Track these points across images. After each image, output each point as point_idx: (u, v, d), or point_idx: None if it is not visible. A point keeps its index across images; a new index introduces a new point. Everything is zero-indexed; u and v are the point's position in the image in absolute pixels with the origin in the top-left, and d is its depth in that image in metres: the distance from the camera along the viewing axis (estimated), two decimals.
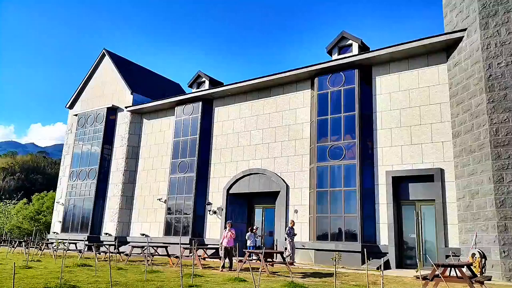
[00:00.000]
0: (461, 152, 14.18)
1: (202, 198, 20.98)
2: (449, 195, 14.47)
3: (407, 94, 16.11)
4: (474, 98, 13.80)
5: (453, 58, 15.07)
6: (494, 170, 12.78)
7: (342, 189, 16.51)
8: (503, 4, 13.70)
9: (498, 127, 12.99)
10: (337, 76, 17.80)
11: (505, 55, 13.31)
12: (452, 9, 15.56)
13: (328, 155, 17.19)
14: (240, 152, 20.33)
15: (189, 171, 21.43)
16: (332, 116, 17.57)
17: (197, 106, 22.25)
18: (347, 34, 18.48)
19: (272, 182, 18.84)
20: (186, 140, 22.19)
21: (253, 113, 20.47)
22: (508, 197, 12.44)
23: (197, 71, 23.65)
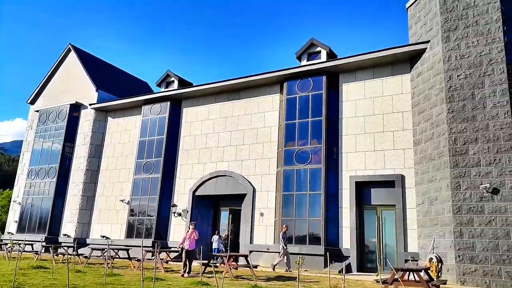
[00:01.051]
0: (421, 159, 14.72)
1: (167, 199, 20.69)
2: (409, 201, 14.98)
3: (372, 101, 16.57)
4: (435, 108, 14.38)
5: (416, 69, 15.67)
6: (452, 177, 13.34)
7: (308, 193, 16.74)
8: (463, 19, 14.38)
9: (456, 136, 13.58)
10: (306, 81, 18.07)
11: (464, 68, 13.96)
12: (417, 21, 16.18)
13: (295, 159, 17.39)
14: (207, 153, 20.22)
15: (155, 172, 21.09)
16: (299, 121, 17.81)
17: (165, 105, 21.96)
18: (316, 41, 18.81)
19: (239, 184, 18.85)
20: (152, 140, 21.83)
21: (222, 115, 20.43)
22: (464, 204, 13.02)
23: (166, 71, 23.36)
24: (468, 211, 12.93)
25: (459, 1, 14.64)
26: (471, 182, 13.08)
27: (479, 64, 13.79)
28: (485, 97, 13.48)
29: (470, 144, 13.35)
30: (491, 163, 12.97)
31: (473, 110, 13.54)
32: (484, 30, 13.99)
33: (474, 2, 14.37)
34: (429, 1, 15.56)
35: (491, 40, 13.82)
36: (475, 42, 14.02)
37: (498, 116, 13.17)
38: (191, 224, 13.72)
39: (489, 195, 12.77)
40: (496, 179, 12.79)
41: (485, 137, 13.19)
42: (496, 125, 13.14)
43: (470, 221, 12.84)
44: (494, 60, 13.61)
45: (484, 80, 13.61)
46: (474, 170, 13.14)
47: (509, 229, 12.32)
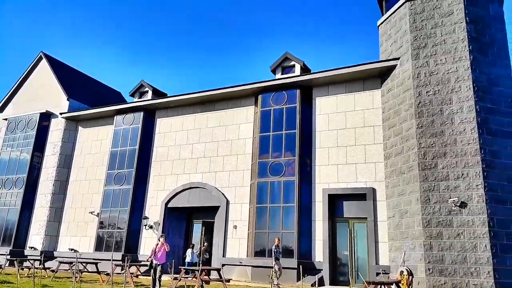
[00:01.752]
0: (392, 173, 15.00)
1: (138, 212, 20.27)
2: (380, 214, 15.19)
3: (344, 116, 16.84)
4: (405, 123, 14.73)
5: (387, 84, 16.06)
6: (422, 191, 13.63)
7: (281, 205, 16.75)
8: (432, 38, 14.88)
9: (425, 150, 13.92)
10: (280, 94, 18.21)
11: (433, 85, 14.40)
12: (387, 38, 16.64)
13: (269, 171, 17.40)
14: (181, 165, 19.99)
15: (126, 183, 20.67)
16: (274, 133, 17.88)
17: (138, 116, 21.65)
18: (290, 56, 19.06)
19: (213, 196, 18.68)
20: (124, 151, 21.43)
21: (197, 126, 20.29)
22: (434, 217, 13.30)
23: (140, 81, 23.09)
24: (438, 224, 13.21)
25: (428, 20, 15.16)
26: (440, 196, 13.40)
27: (447, 81, 14.25)
28: (453, 113, 13.91)
29: (439, 159, 13.70)
30: (459, 178, 13.33)
31: (441, 125, 13.93)
32: (452, 48, 14.50)
33: (442, 22, 14.91)
34: (399, 20, 16.05)
35: (458, 58, 14.33)
36: (443, 59, 14.50)
37: (466, 131, 13.60)
38: (160, 237, 13.20)
39: (458, 209, 13.10)
40: (464, 193, 13.15)
41: (453, 152, 13.58)
42: (464, 140, 13.55)
43: (439, 234, 13.12)
44: (461, 78, 14.10)
45: (452, 97, 14.06)
46: (443, 184, 13.47)
47: (477, 242, 12.65)
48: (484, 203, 12.84)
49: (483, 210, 12.80)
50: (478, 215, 12.83)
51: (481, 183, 13.01)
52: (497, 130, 13.72)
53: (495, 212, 12.85)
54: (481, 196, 12.92)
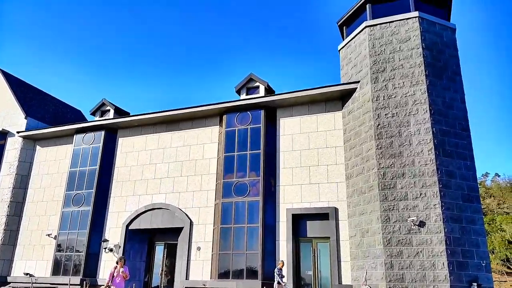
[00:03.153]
0: (353, 192, 15.28)
1: (98, 234, 19.55)
2: (342, 233, 15.38)
3: (307, 136, 17.10)
4: (365, 144, 15.12)
5: (348, 107, 16.50)
6: (382, 210, 13.93)
7: (245, 226, 16.63)
8: (390, 62, 15.50)
9: (385, 171, 14.31)
10: (245, 115, 18.29)
11: (391, 107, 14.92)
12: (348, 62, 17.18)
13: (233, 191, 17.31)
14: (143, 185, 19.54)
15: (85, 205, 19.95)
16: (238, 153, 17.87)
17: (99, 135, 21.09)
18: (254, 77, 19.28)
19: (176, 217, 18.32)
20: (84, 171, 20.74)
21: (160, 145, 19.99)
22: (394, 236, 13.59)
23: (101, 99, 22.59)
24: (398, 243, 13.50)
25: (386, 45, 15.80)
26: (399, 215, 13.74)
27: (405, 104, 14.81)
28: (410, 135, 14.42)
29: (398, 179, 14.11)
30: (417, 197, 13.75)
31: (400, 146, 14.40)
32: (409, 73, 15.13)
33: (400, 47, 15.58)
34: (359, 45, 16.64)
35: (415, 82, 14.96)
36: (401, 83, 15.10)
37: (423, 152, 14.11)
38: (119, 260, 11.95)
39: (417, 228, 13.46)
40: (422, 212, 13.56)
41: (412, 172, 14.02)
42: (421, 161, 14.04)
43: (399, 253, 13.40)
44: (418, 101, 14.70)
45: (410, 119, 14.60)
46: (402, 203, 13.84)
47: (435, 260, 13.01)
48: (441, 222, 13.28)
49: (440, 229, 13.22)
50: (436, 233, 13.23)
51: (438, 203, 13.47)
52: (452, 152, 14.32)
53: (451, 230, 13.31)
54: (438, 215, 13.36)
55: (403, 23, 15.85)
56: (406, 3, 16.23)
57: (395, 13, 16.15)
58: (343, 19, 18.03)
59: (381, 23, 16.14)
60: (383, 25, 16.10)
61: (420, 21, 15.65)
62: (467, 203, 13.93)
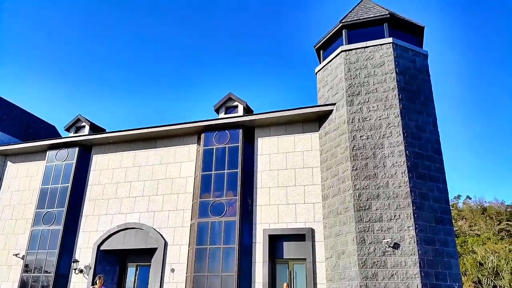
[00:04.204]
0: (329, 213, 15.35)
1: (68, 254, 18.88)
2: (318, 255, 15.34)
3: (285, 156, 17.19)
4: (341, 165, 15.30)
5: (324, 128, 16.74)
6: (357, 232, 14.01)
7: (222, 247, 16.41)
8: (365, 86, 15.88)
9: (360, 192, 14.47)
10: (223, 134, 18.29)
11: (366, 130, 15.21)
12: (324, 85, 17.52)
13: (210, 211, 17.12)
14: (117, 204, 19.11)
15: (56, 223, 19.31)
16: (216, 172, 17.76)
17: (73, 151, 20.62)
18: (233, 96, 19.39)
19: (150, 238, 17.92)
20: (56, 188, 20.16)
21: (136, 163, 19.68)
22: (369, 258, 13.65)
23: (77, 115, 22.20)
24: (373, 265, 13.55)
25: (361, 69, 16.22)
26: (374, 236, 13.85)
27: (379, 126, 15.13)
28: (385, 157, 14.69)
29: (372, 200, 14.27)
30: (392, 219, 13.91)
31: (374, 168, 14.63)
32: (383, 96, 15.52)
33: (374, 72, 16.01)
34: (335, 69, 17.02)
35: (389, 105, 15.34)
36: (375, 106, 15.45)
37: (397, 174, 14.36)
38: (98, 278, 10.96)
39: (391, 250, 13.57)
40: (396, 234, 13.70)
41: (386, 194, 14.22)
42: (395, 183, 14.28)
43: (374, 275, 13.44)
44: (392, 124, 15.04)
45: (384, 142, 14.90)
46: (377, 225, 13.97)
47: (409, 283, 13.08)
48: (415, 244, 13.43)
49: (414, 251, 13.37)
50: (410, 255, 13.36)
51: (412, 225, 13.66)
52: (425, 174, 14.64)
53: (425, 252, 13.47)
54: (412, 237, 13.53)
55: (378, 48, 16.34)
56: (381, 30, 16.78)
57: (370, 38, 16.67)
58: (320, 43, 18.47)
59: (356, 48, 16.60)
60: (359, 50, 16.56)
61: (394, 47, 16.18)
62: (440, 225, 14.17)
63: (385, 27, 16.69)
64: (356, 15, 17.37)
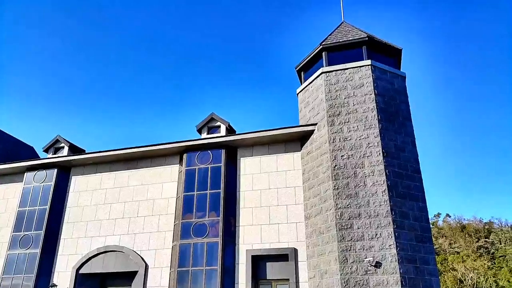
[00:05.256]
0: (312, 233, 15.39)
1: (45, 278, 18.28)
2: (301, 275, 15.29)
3: (267, 176, 17.27)
4: (323, 185, 15.45)
5: (306, 148, 16.94)
6: (340, 251, 14.07)
7: (204, 268, 16.20)
8: (345, 107, 16.23)
9: (342, 211, 14.60)
10: (205, 154, 18.28)
11: (347, 149, 15.47)
12: (306, 105, 17.83)
13: (192, 232, 16.94)
14: (97, 226, 18.73)
15: (33, 247, 18.76)
16: (198, 193, 17.67)
17: (52, 173, 20.24)
18: (216, 116, 19.50)
19: (130, 261, 17.57)
20: (34, 211, 19.66)
21: (116, 184, 19.41)
22: (352, 277, 13.68)
23: (56, 136, 21.87)
24: (355, 284, 13.58)
25: (342, 91, 16.59)
26: (356, 255, 13.92)
27: (359, 146, 15.41)
28: (365, 176, 14.92)
29: (354, 219, 14.40)
30: (373, 238, 14.04)
31: (355, 187, 14.82)
32: (363, 117, 15.87)
33: (354, 93, 16.40)
34: (316, 90, 17.37)
35: (368, 126, 15.67)
36: (355, 127, 15.77)
37: (377, 193, 14.57)
38: None
39: (373, 269, 13.64)
40: (378, 253, 13.81)
41: (367, 213, 14.39)
42: (376, 202, 14.47)
43: None
44: (372, 144, 15.35)
45: (364, 161, 15.15)
46: (358, 244, 14.07)
47: None
48: (396, 262, 13.55)
49: (396, 270, 13.48)
50: (391, 274, 13.46)
51: (393, 243, 13.81)
52: (405, 193, 14.90)
53: (406, 271, 13.59)
54: (393, 255, 13.66)
55: (357, 70, 16.79)
56: (360, 52, 17.26)
57: (349, 60, 17.11)
58: (301, 65, 18.86)
59: (336, 69, 17.01)
60: (338, 72, 16.97)
61: (372, 69, 16.65)
62: (420, 243, 14.37)
63: (364, 49, 17.19)
64: (336, 38, 17.86)
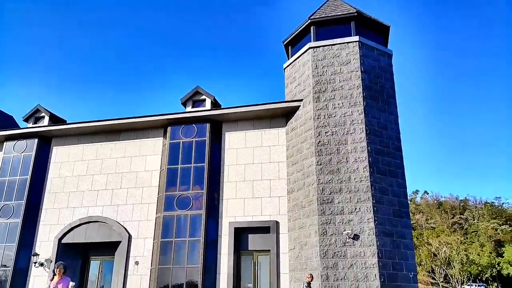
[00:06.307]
0: (294, 207, 15.74)
1: (27, 248, 18.30)
2: (282, 246, 15.73)
3: (252, 151, 17.41)
4: (306, 160, 15.71)
5: (291, 124, 17.08)
6: (320, 224, 14.48)
7: (187, 239, 16.46)
8: (331, 83, 16.32)
9: (323, 186, 14.93)
10: (190, 127, 18.24)
11: (331, 126, 15.68)
12: (292, 81, 17.84)
13: (175, 205, 17.10)
14: (79, 197, 18.68)
15: (14, 216, 18.65)
16: (182, 166, 17.72)
17: (32, 143, 19.92)
18: (201, 90, 19.34)
19: (113, 231, 17.68)
20: (14, 180, 19.44)
21: (99, 156, 19.28)
22: (330, 248, 14.16)
23: (36, 105, 21.41)
24: (334, 255, 14.07)
25: (328, 67, 16.63)
26: (336, 228, 14.36)
27: (343, 123, 15.63)
28: (348, 153, 15.21)
29: (335, 194, 14.77)
30: (352, 212, 14.47)
31: (338, 163, 15.13)
32: (348, 94, 16.02)
33: (340, 69, 16.47)
34: (303, 65, 17.36)
35: (353, 103, 15.86)
36: (341, 104, 15.94)
37: (358, 170, 14.92)
38: (57, 269, 8.94)
39: (351, 241, 14.13)
40: (356, 226, 14.27)
41: (348, 188, 14.76)
42: (357, 178, 14.83)
43: (334, 265, 13.96)
44: (356, 121, 15.57)
45: (347, 138, 15.41)
46: (338, 217, 14.49)
47: (368, 272, 13.70)
48: (374, 235, 14.05)
49: (373, 242, 13.99)
50: (369, 246, 13.97)
51: (371, 217, 14.27)
52: (385, 169, 15.29)
53: (383, 244, 14.13)
54: (371, 229, 14.14)
55: (344, 46, 16.80)
56: (348, 28, 17.22)
57: (337, 36, 17.06)
58: (288, 39, 18.74)
59: (324, 45, 16.99)
60: (326, 47, 16.96)
61: (360, 45, 16.67)
62: (398, 218, 14.88)
63: (352, 25, 17.14)
64: (324, 12, 17.72)
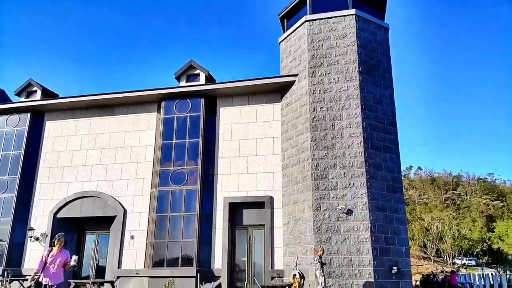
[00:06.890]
0: (288, 182, 15.81)
1: (22, 223, 18.38)
2: (276, 221, 15.88)
3: (246, 126, 17.33)
4: (301, 136, 15.67)
5: (286, 99, 16.95)
6: (314, 199, 14.58)
7: (182, 214, 16.58)
8: (327, 58, 16.11)
9: (318, 162, 14.95)
10: (184, 102, 18.08)
11: (326, 101, 15.57)
12: (287, 55, 17.59)
13: (170, 180, 17.12)
14: (73, 172, 18.65)
15: (9, 191, 18.64)
16: (177, 141, 17.66)
17: (25, 117, 19.71)
18: (195, 64, 19.06)
19: (108, 206, 17.75)
20: (7, 155, 19.33)
21: (92, 131, 19.14)
22: (323, 223, 14.31)
23: (28, 79, 21.08)
24: (327, 230, 14.24)
25: (324, 41, 16.38)
26: (329, 203, 14.48)
27: (339, 98, 15.52)
28: (343, 128, 15.17)
29: (329, 170, 14.82)
30: (346, 187, 14.55)
31: (332, 139, 15.11)
32: (344, 69, 15.85)
33: (337, 43, 16.23)
34: (298, 39, 17.08)
35: (349, 78, 15.71)
36: (336, 78, 15.78)
37: (353, 145, 14.92)
38: (56, 240, 8.49)
39: (345, 216, 14.27)
40: (350, 201, 14.38)
41: (342, 164, 14.79)
42: (351, 154, 14.85)
43: (328, 239, 14.15)
44: (351, 96, 15.47)
45: (342, 113, 15.34)
46: (332, 193, 14.58)
47: (360, 246, 13.90)
48: (367, 210, 14.19)
49: (366, 217, 14.14)
50: (362, 221, 14.13)
51: (365, 192, 14.37)
52: (380, 145, 15.30)
53: (376, 218, 14.28)
54: (365, 204, 14.27)
55: (341, 19, 16.50)
56: (345, 0, 16.87)
57: (334, 9, 16.71)
58: (284, 12, 18.37)
59: (320, 18, 16.67)
60: (322, 21, 16.65)
61: (356, 19, 16.38)
62: (391, 193, 15.00)
63: None
64: None
